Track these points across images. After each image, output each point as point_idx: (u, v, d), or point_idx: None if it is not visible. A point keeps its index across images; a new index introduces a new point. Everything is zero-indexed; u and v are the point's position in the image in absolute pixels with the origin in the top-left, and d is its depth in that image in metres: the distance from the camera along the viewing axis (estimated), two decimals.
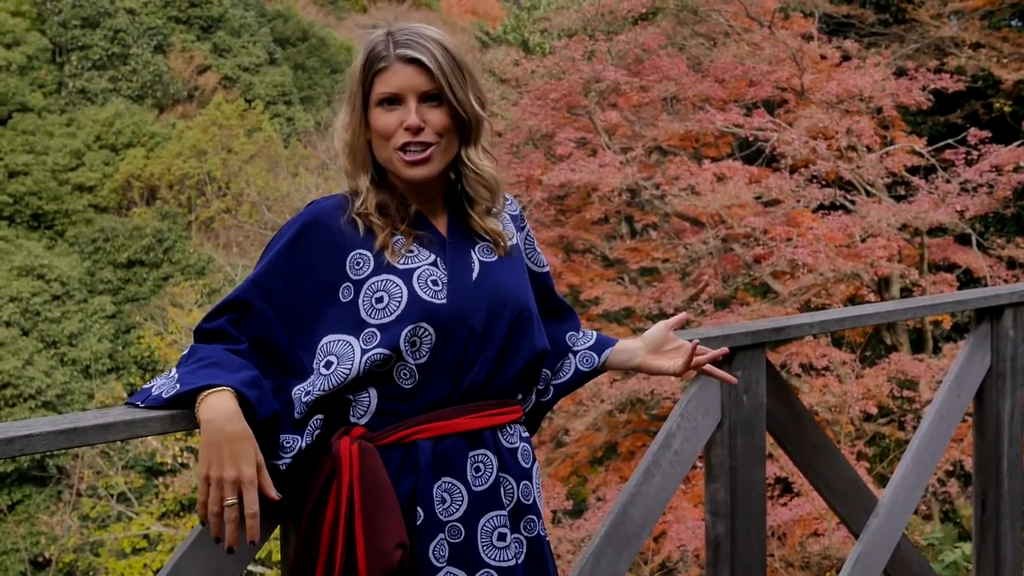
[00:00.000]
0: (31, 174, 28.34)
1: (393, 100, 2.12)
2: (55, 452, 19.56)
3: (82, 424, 2.01)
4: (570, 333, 2.49)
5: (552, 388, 2.45)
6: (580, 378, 2.47)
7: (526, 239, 2.39)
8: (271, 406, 2.00)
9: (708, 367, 2.45)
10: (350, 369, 2.06)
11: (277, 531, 2.31)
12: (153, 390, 2.05)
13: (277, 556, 13.40)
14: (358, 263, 2.11)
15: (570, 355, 2.47)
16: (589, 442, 12.62)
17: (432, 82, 2.11)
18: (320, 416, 2.09)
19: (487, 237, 2.24)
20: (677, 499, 9.86)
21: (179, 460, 17.01)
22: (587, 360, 2.47)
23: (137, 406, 2.06)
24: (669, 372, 2.46)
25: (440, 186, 2.23)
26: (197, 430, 2.01)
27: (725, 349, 2.56)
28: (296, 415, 2.05)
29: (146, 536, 17.04)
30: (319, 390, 2.06)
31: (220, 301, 2.13)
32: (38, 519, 19.50)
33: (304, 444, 2.06)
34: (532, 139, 14.36)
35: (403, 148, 2.11)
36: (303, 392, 2.07)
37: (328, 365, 2.07)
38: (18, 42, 31.18)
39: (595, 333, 2.54)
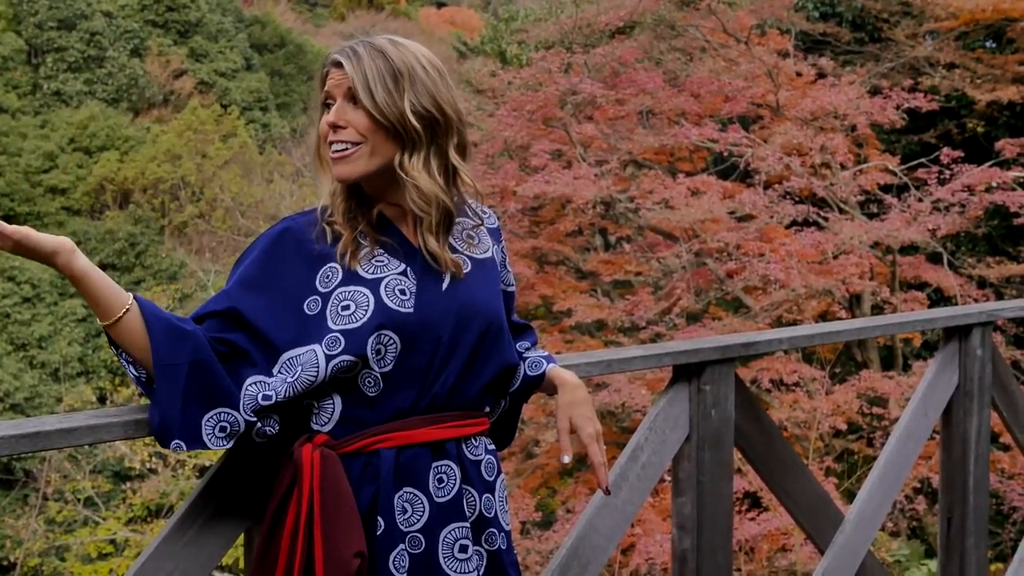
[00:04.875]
0: (3, 175, 28.15)
1: (327, 103, 2.14)
2: (21, 455, 19.39)
3: (46, 428, 2.00)
4: (522, 342, 2.44)
5: (507, 396, 2.40)
6: (528, 384, 2.40)
7: (502, 254, 2.37)
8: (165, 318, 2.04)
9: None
10: (315, 376, 2.04)
11: (241, 538, 2.29)
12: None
13: (243, 564, 13.32)
14: (328, 276, 2.10)
15: (521, 363, 2.40)
16: (559, 453, 12.58)
17: (349, 83, 2.11)
18: (276, 416, 2.08)
19: (458, 249, 2.21)
20: (646, 512, 9.86)
21: (147, 465, 16.88)
22: (534, 365, 2.41)
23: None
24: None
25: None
26: None
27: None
28: (247, 410, 2.04)
29: (112, 541, 16.89)
30: (283, 396, 2.04)
31: (189, 316, 2.12)
32: (3, 522, 19.31)
33: (255, 431, 2.06)
34: (507, 150, 14.35)
35: (329, 145, 2.13)
36: (260, 394, 2.05)
37: (292, 373, 2.05)
38: None
39: (544, 352, 2.50)
